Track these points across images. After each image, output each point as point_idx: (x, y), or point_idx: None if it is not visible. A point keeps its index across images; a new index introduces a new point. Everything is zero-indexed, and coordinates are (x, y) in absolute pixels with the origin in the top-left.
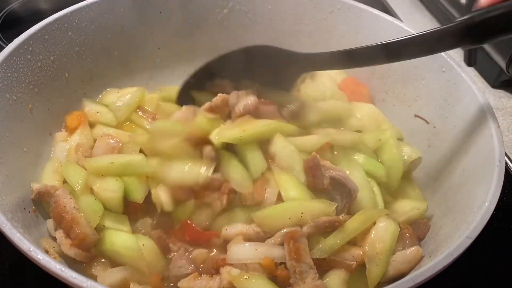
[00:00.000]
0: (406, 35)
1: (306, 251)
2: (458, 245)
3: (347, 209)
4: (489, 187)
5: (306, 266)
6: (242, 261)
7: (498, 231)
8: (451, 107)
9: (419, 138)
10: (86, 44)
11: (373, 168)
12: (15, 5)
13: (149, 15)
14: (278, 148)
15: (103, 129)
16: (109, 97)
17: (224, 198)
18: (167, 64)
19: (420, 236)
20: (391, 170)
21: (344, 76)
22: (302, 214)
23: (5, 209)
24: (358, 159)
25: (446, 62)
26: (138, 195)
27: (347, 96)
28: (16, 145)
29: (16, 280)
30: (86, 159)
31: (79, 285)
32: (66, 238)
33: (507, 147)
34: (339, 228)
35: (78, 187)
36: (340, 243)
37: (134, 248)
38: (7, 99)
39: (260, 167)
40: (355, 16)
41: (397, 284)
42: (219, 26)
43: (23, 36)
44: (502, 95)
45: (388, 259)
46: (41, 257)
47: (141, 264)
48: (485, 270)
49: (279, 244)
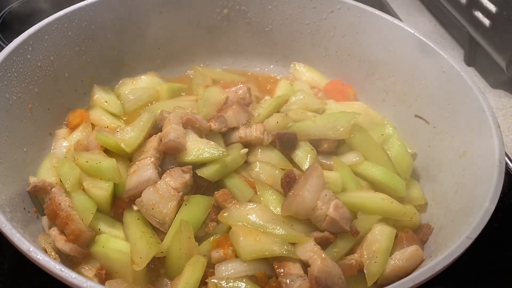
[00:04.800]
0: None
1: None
2: (458, 245)
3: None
4: (489, 187)
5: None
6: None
7: (498, 231)
8: (451, 107)
9: (419, 138)
10: (86, 44)
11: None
12: (15, 5)
13: (149, 15)
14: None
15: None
16: (123, 88)
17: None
18: (167, 64)
19: (423, 238)
20: (402, 163)
21: (328, 79)
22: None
23: (5, 209)
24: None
25: (446, 62)
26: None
27: (335, 97)
28: (16, 145)
29: (16, 280)
30: (75, 152)
31: (78, 285)
32: (60, 234)
33: (507, 147)
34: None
35: (69, 184)
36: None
37: (125, 253)
38: (7, 99)
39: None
40: (355, 16)
41: (397, 284)
42: (219, 26)
43: (23, 36)
44: (502, 95)
45: (386, 258)
46: (41, 257)
47: (128, 270)
48: (485, 270)
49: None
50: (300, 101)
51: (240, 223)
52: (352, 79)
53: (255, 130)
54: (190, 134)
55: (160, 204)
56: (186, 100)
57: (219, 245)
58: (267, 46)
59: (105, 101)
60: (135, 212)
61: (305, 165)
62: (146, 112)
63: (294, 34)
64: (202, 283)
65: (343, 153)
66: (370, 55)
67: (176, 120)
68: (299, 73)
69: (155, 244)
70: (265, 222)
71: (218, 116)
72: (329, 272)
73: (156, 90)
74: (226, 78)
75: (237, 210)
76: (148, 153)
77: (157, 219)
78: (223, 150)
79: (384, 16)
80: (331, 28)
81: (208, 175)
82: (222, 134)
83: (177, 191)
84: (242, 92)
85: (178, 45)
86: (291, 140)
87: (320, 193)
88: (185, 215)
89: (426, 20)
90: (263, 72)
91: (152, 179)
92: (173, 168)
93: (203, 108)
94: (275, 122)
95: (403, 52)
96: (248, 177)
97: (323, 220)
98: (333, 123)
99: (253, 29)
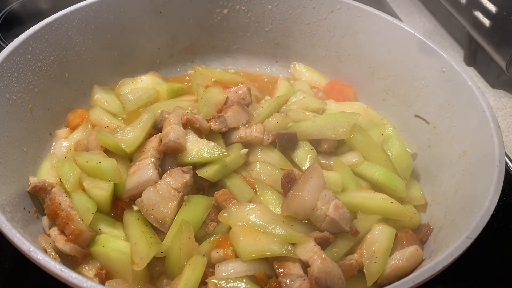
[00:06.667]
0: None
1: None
2: (458, 245)
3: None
4: (489, 187)
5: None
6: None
7: (498, 231)
8: (451, 107)
9: (419, 138)
10: (86, 44)
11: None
12: (15, 5)
13: (149, 15)
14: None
15: (102, 118)
16: (123, 88)
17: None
18: (167, 64)
19: (423, 238)
20: (402, 163)
21: (328, 79)
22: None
23: (5, 209)
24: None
25: (446, 62)
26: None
27: (335, 96)
28: (16, 145)
29: (16, 280)
30: (76, 152)
31: (78, 285)
32: (60, 234)
33: (507, 147)
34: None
35: (69, 184)
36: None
37: (125, 253)
38: (7, 99)
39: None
40: (355, 16)
41: (397, 284)
42: (219, 26)
43: (23, 36)
44: (502, 95)
45: (386, 258)
46: (41, 257)
47: (128, 270)
48: (485, 270)
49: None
50: (300, 101)
51: (240, 223)
52: (352, 79)
53: (255, 130)
54: (190, 135)
55: (160, 204)
56: (186, 100)
57: (219, 245)
58: (267, 46)
59: (105, 101)
60: (135, 212)
61: (305, 165)
62: (146, 112)
63: (294, 34)
64: (202, 283)
65: (343, 153)
66: (370, 55)
67: (176, 120)
68: (299, 73)
69: (155, 244)
70: (265, 222)
71: (218, 116)
72: (329, 272)
73: (156, 90)
74: (226, 78)
75: (237, 210)
76: (148, 154)
77: (157, 219)
78: (223, 150)
79: (384, 16)
80: (331, 28)
81: (208, 176)
82: (222, 134)
83: (177, 191)
84: (242, 92)
85: (178, 45)
86: (291, 140)
87: (320, 193)
88: (185, 215)
89: (426, 20)
90: (263, 72)
91: (152, 179)
92: (173, 169)
93: (203, 108)
94: (275, 122)
95: (403, 52)
96: (248, 177)
97: (323, 220)
98: (333, 123)
99: (253, 29)
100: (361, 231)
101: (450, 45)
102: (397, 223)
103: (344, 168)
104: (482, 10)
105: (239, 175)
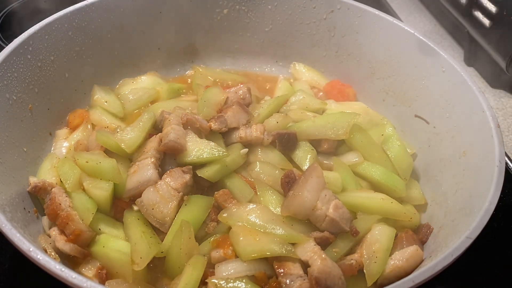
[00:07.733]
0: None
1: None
2: (458, 245)
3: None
4: (489, 187)
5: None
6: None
7: (498, 231)
8: (451, 107)
9: (419, 138)
10: (86, 44)
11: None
12: (15, 5)
13: (149, 15)
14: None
15: (102, 119)
16: (123, 88)
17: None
18: (167, 64)
19: (423, 238)
20: (401, 163)
21: (328, 79)
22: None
23: (5, 209)
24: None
25: (446, 62)
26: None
27: (335, 96)
28: (16, 145)
29: (16, 280)
30: (76, 152)
31: (78, 285)
32: (60, 234)
33: (507, 147)
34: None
35: (69, 184)
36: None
37: (125, 253)
38: (7, 99)
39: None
40: (355, 16)
41: (397, 284)
42: (219, 26)
43: (23, 36)
44: (502, 95)
45: (386, 258)
46: (41, 257)
47: (128, 270)
48: (485, 270)
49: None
50: (300, 101)
51: (240, 223)
52: (352, 79)
53: (255, 130)
54: (190, 135)
55: (160, 204)
56: (186, 100)
57: (219, 245)
58: (267, 46)
59: (105, 101)
60: (135, 212)
61: (305, 165)
62: (146, 113)
63: (294, 34)
64: (202, 283)
65: (343, 153)
66: (370, 55)
67: (176, 120)
68: (299, 73)
69: (156, 244)
70: (265, 222)
71: (218, 116)
72: (329, 272)
73: (156, 90)
74: (226, 78)
75: (237, 210)
76: (148, 154)
77: (157, 219)
78: (223, 150)
79: (384, 16)
80: (331, 28)
81: (208, 176)
82: (222, 134)
83: (177, 191)
84: (242, 92)
85: (178, 45)
86: (291, 140)
87: (320, 193)
88: (185, 215)
89: (426, 20)
90: (263, 72)
91: (152, 180)
92: (173, 169)
93: (203, 109)
94: (275, 122)
95: (403, 52)
96: (248, 177)
97: (323, 220)
98: (333, 123)
99: (253, 29)
100: (361, 231)
101: (450, 45)
102: (397, 223)
103: (344, 168)
104: (482, 10)
105: (239, 175)
